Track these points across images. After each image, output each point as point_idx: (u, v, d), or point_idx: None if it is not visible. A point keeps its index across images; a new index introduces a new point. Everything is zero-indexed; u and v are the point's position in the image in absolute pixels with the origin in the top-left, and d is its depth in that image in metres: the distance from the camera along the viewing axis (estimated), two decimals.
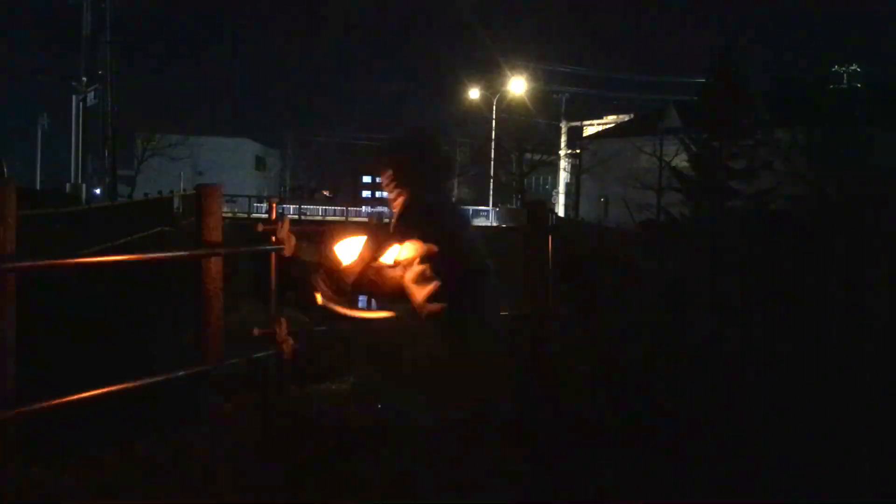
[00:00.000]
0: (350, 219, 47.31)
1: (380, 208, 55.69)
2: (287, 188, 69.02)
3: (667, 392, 5.24)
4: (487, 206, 49.99)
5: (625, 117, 54.38)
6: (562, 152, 51.83)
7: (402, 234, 2.87)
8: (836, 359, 5.39)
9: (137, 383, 3.81)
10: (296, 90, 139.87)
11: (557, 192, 54.43)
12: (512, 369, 3.04)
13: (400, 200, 2.97)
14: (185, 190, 33.37)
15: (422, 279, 2.80)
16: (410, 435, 3.08)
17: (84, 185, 27.30)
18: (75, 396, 3.50)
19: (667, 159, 32.59)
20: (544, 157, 48.96)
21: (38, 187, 32.51)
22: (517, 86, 46.78)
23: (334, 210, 51.50)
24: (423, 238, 2.82)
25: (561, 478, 3.58)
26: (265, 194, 56.03)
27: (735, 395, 5.17)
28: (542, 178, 58.38)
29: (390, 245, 2.88)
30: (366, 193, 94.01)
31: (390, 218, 3.10)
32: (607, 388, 5.32)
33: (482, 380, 2.90)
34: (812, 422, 4.69)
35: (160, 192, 27.86)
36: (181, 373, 4.18)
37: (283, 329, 4.46)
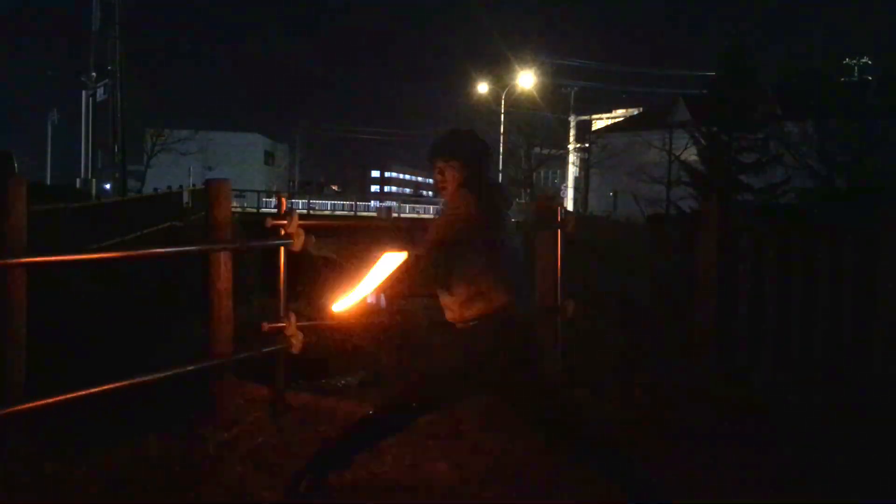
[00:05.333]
0: (359, 213, 47.35)
1: (388, 203, 55.70)
2: (296, 183, 69.06)
3: None
4: None
5: (634, 111, 54.14)
6: (570, 146, 51.65)
7: None
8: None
9: (147, 378, 3.83)
10: (304, 84, 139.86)
11: (566, 187, 54.27)
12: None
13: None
14: (194, 185, 33.44)
15: None
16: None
17: (94, 181, 27.38)
18: (85, 392, 3.52)
19: (676, 153, 32.46)
20: (553, 151, 48.81)
21: (48, 183, 32.65)
22: (526, 80, 46.63)
23: (343, 205, 51.52)
24: None
25: None
26: (274, 189, 56.05)
27: None
28: (550, 173, 58.24)
29: None
30: (374, 188, 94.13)
31: (394, 211, 3.18)
32: None
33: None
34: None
35: (169, 188, 27.93)
36: (190, 367, 4.20)
37: (291, 324, 4.48)
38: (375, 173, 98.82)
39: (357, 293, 3.01)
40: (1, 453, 3.52)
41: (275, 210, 4.41)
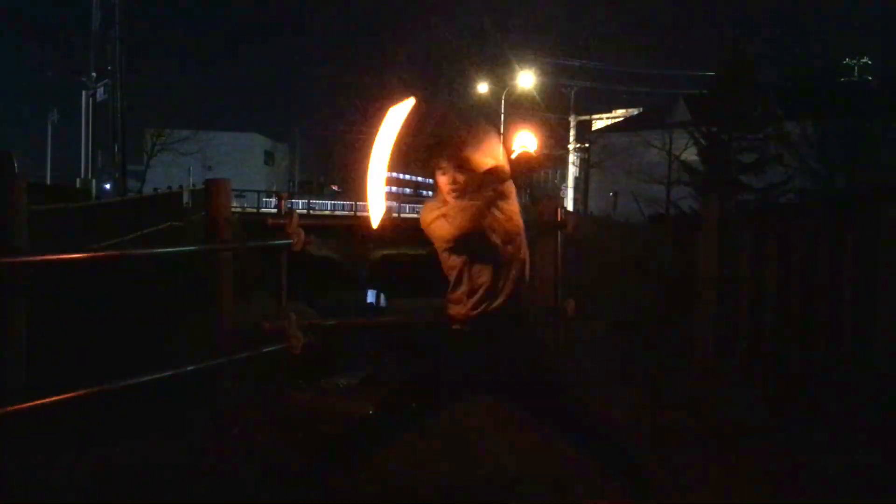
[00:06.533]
0: (359, 213, 47.33)
1: (388, 203, 55.49)
2: (295, 182, 69.01)
3: None
4: None
5: (634, 111, 54.15)
6: (570, 146, 51.66)
7: None
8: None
9: (147, 378, 3.82)
10: (304, 83, 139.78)
11: (566, 187, 54.27)
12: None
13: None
14: (194, 185, 33.44)
15: None
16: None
17: (94, 181, 27.35)
18: (85, 391, 3.51)
19: (676, 153, 32.47)
20: (553, 151, 48.83)
21: (48, 183, 32.60)
22: (526, 80, 46.64)
23: (343, 205, 51.48)
24: None
25: None
26: (274, 189, 56.02)
27: None
28: (550, 173, 58.23)
29: None
30: None
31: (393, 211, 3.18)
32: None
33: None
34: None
35: (169, 187, 27.93)
36: (190, 367, 4.19)
37: (291, 324, 4.47)
38: None
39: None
40: (1, 454, 3.51)
41: (275, 210, 4.42)
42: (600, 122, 55.16)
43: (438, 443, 4.12)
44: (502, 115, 45.82)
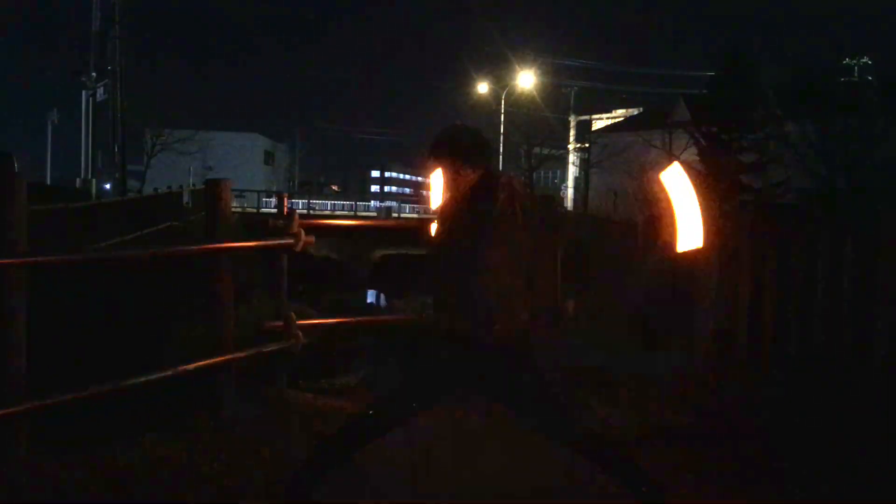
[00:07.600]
0: (359, 213, 47.40)
1: (388, 203, 55.71)
2: (296, 183, 69.02)
3: None
4: None
5: (634, 111, 54.10)
6: (570, 146, 51.63)
7: None
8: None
9: (148, 378, 3.83)
10: (304, 84, 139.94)
11: (566, 186, 54.27)
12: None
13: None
14: (194, 185, 33.47)
15: None
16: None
17: (94, 181, 27.36)
18: (87, 392, 3.52)
19: (676, 153, 32.46)
20: (553, 151, 48.80)
21: (48, 183, 32.63)
22: (525, 80, 46.61)
23: (343, 205, 51.51)
24: None
25: None
26: (274, 189, 56.04)
27: None
28: (550, 173, 58.20)
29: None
30: (374, 188, 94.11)
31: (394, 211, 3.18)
32: None
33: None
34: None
35: (169, 187, 27.97)
36: (191, 367, 4.20)
37: (292, 324, 4.48)
38: (375, 173, 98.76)
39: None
40: (1, 454, 3.51)
41: (275, 210, 4.43)
42: (600, 122, 55.10)
43: (439, 441, 4.12)
44: (502, 115, 45.83)
